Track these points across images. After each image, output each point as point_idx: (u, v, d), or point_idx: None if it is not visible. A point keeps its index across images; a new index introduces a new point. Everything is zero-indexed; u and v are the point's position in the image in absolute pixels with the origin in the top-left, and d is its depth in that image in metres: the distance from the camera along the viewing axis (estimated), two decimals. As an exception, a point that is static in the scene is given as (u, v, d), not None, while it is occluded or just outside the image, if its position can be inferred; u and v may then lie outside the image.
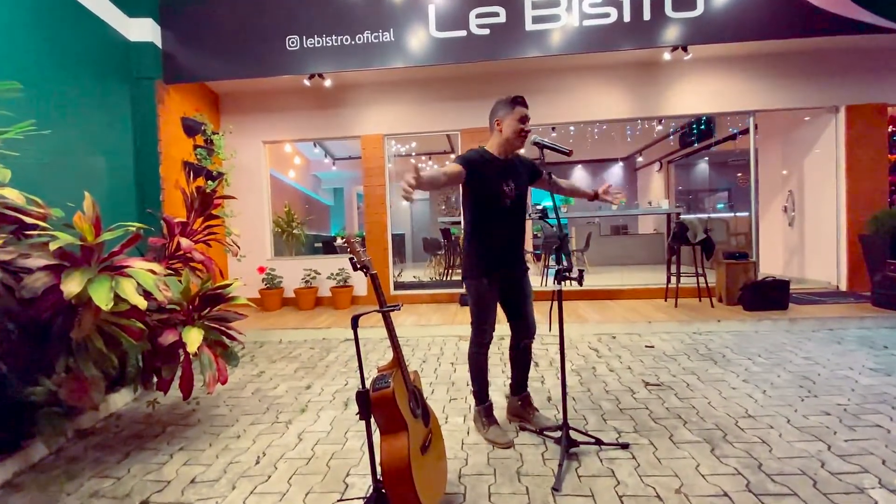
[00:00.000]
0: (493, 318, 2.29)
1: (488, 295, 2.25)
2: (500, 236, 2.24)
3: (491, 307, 2.27)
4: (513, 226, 2.27)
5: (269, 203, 6.08)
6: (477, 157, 2.19)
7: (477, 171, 2.14)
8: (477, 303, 2.28)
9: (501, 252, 2.25)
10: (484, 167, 2.17)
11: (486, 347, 2.34)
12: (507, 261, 2.28)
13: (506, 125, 2.18)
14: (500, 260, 2.25)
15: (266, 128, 5.91)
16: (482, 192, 2.17)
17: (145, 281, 2.09)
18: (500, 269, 2.25)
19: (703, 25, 4.15)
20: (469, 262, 2.28)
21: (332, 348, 4.18)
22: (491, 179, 2.17)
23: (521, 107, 2.18)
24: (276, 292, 5.67)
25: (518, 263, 2.32)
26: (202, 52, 4.55)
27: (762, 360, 3.37)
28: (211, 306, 2.72)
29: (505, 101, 2.20)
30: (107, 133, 4.14)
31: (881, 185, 5.32)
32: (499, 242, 2.24)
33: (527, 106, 2.21)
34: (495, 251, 2.24)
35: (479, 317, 2.29)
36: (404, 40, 4.32)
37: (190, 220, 3.45)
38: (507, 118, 2.18)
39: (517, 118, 2.17)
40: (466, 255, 2.30)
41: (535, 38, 4.24)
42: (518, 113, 2.17)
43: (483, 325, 2.29)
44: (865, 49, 5.13)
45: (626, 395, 2.81)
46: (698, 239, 4.73)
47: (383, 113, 5.76)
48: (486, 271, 2.23)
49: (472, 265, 2.26)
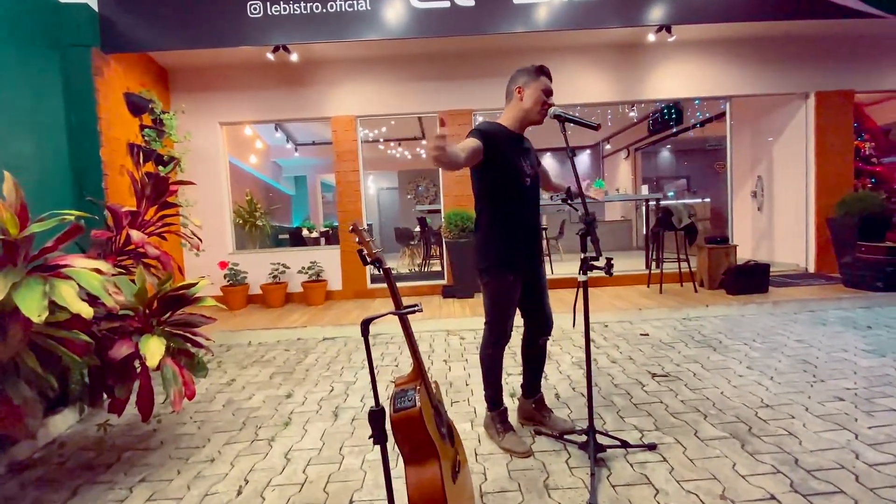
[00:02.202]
0: (513, 315, 2.05)
1: (512, 290, 1.99)
2: (523, 221, 1.98)
3: (513, 304, 2.02)
4: (533, 209, 2.03)
5: (228, 191, 5.54)
6: (494, 130, 1.92)
7: (497, 145, 1.88)
8: (497, 299, 2.01)
9: (526, 240, 2.00)
10: (503, 141, 1.92)
11: (503, 348, 2.10)
12: (531, 250, 2.03)
13: (528, 94, 1.93)
14: (524, 249, 1.99)
15: (223, 108, 5.35)
16: (502, 169, 1.90)
17: (90, 283, 1.69)
18: (525, 260, 2.00)
19: (693, 5, 4.04)
20: (489, 253, 1.99)
21: (309, 349, 3.82)
22: (511, 154, 1.91)
23: (546, 77, 1.95)
24: (241, 289, 5.19)
25: (539, 252, 2.09)
26: (147, 17, 3.97)
27: (758, 345, 3.34)
28: (172, 310, 2.31)
29: (528, 70, 1.95)
30: (31, 109, 3.52)
31: (847, 170, 5.50)
32: (522, 228, 1.98)
33: (551, 78, 1.97)
34: (519, 239, 1.97)
35: (499, 315, 2.02)
36: (381, 10, 3.94)
37: (141, 209, 2.98)
38: (531, 87, 1.93)
39: (541, 88, 1.92)
40: (485, 245, 2.01)
41: (522, 11, 3.98)
42: (543, 83, 1.93)
43: (503, 324, 2.03)
44: (834, 36, 5.24)
45: (636, 389, 2.67)
46: (683, 224, 4.69)
47: (356, 92, 5.34)
48: (511, 263, 1.96)
49: (495, 257, 1.97)
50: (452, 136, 5.41)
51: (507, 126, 1.98)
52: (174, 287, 2.26)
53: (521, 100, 1.94)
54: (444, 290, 5.28)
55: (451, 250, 5.12)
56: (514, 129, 1.99)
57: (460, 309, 4.57)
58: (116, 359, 1.97)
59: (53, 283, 1.62)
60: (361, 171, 5.48)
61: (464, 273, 5.11)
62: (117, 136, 4.18)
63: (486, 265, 2.00)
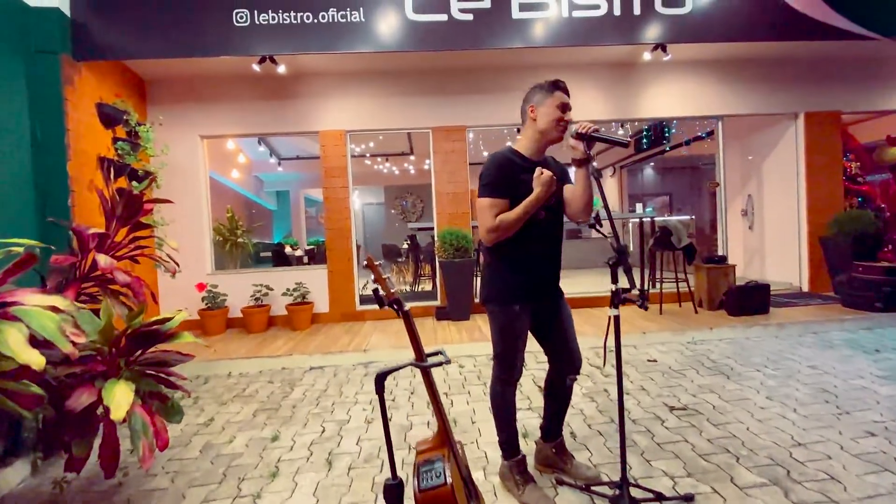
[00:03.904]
0: (523, 349, 1.85)
1: (518, 323, 1.80)
2: (534, 255, 1.80)
3: (521, 337, 1.83)
4: (549, 242, 1.84)
5: (208, 208, 5.23)
6: (503, 169, 1.75)
7: (509, 187, 1.73)
8: (504, 333, 1.83)
9: (537, 275, 1.82)
10: (515, 177, 1.74)
11: (514, 385, 1.89)
12: (544, 285, 1.85)
13: (541, 113, 1.76)
14: (535, 284, 1.81)
15: (205, 120, 5.07)
16: (512, 201, 1.72)
17: (42, 326, 1.41)
18: (537, 292, 1.82)
19: (690, 24, 4.01)
20: (494, 285, 1.83)
21: (295, 381, 3.52)
22: (523, 184, 1.72)
23: (560, 92, 1.78)
24: (220, 313, 4.85)
25: (556, 287, 1.90)
26: (124, 22, 3.71)
27: (772, 372, 3.21)
28: (144, 348, 2.03)
29: (542, 86, 1.80)
30: (-9, 119, 3.21)
31: (837, 190, 5.54)
32: (534, 263, 1.80)
33: (568, 93, 1.81)
34: (529, 274, 1.80)
35: (507, 349, 1.83)
36: (376, 22, 3.78)
37: (111, 230, 2.69)
38: (544, 104, 1.77)
39: (556, 104, 1.76)
40: (491, 277, 1.85)
41: (521, 27, 3.88)
42: (557, 99, 1.77)
43: (511, 359, 1.83)
44: (824, 58, 5.32)
45: (655, 425, 2.48)
46: (683, 244, 4.60)
47: (345, 107, 5.15)
48: (517, 294, 1.79)
49: (499, 289, 1.82)
50: (447, 153, 5.25)
51: (523, 153, 1.81)
52: (146, 322, 1.98)
53: (534, 120, 1.78)
54: (438, 311, 5.05)
55: (446, 270, 4.91)
56: (531, 154, 1.81)
57: (457, 333, 4.34)
58: (75, 410, 1.68)
59: None
60: (351, 187, 5.25)
61: (458, 294, 4.90)
62: (87, 149, 3.87)
63: (490, 295, 1.84)
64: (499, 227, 1.71)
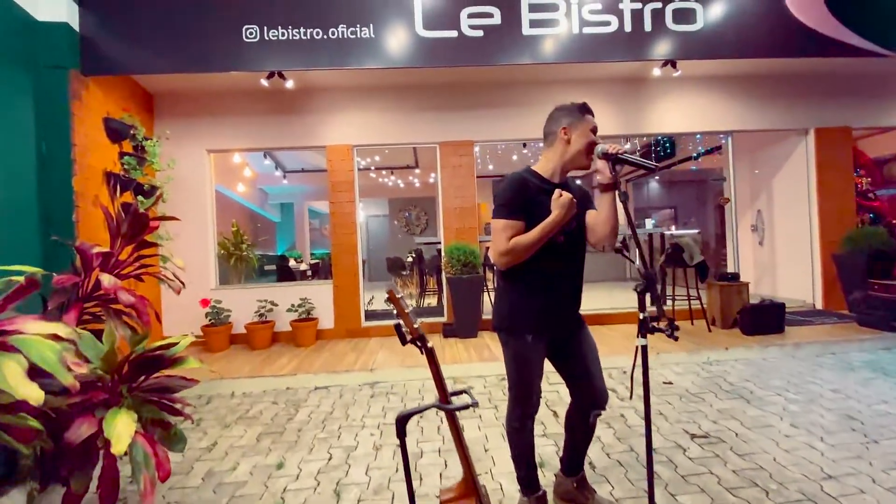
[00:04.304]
0: (538, 381, 1.74)
1: (532, 354, 1.70)
2: (551, 283, 1.70)
3: (536, 370, 1.72)
4: (568, 269, 1.74)
5: (213, 222, 5.18)
6: (521, 191, 1.67)
7: (526, 209, 1.64)
8: (517, 364, 1.72)
9: (553, 305, 1.71)
10: (533, 192, 1.66)
11: (532, 419, 1.79)
12: (561, 316, 1.74)
13: (576, 136, 1.68)
14: (550, 315, 1.70)
15: (212, 134, 5.05)
16: (529, 224, 1.64)
17: (43, 357, 1.34)
18: (554, 322, 1.72)
19: (701, 40, 3.99)
20: (507, 313, 1.73)
21: (300, 402, 3.42)
22: (541, 207, 1.63)
23: (590, 115, 1.71)
24: (224, 329, 4.77)
25: (575, 316, 1.80)
26: (134, 38, 3.70)
27: (793, 396, 3.10)
28: (147, 374, 1.95)
29: (570, 108, 1.71)
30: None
31: (849, 206, 5.47)
32: (549, 291, 1.69)
33: (594, 115, 1.74)
34: (544, 303, 1.69)
35: (522, 382, 1.73)
36: (386, 38, 3.77)
37: (115, 248, 2.62)
38: (579, 128, 1.68)
39: (589, 128, 1.69)
40: (502, 303, 1.76)
41: (531, 43, 3.86)
42: (589, 123, 1.69)
43: (527, 392, 1.73)
44: (832, 73, 5.29)
45: (677, 454, 2.38)
46: (695, 262, 4.52)
47: (352, 121, 5.13)
48: (530, 324, 1.69)
49: (512, 317, 1.72)
50: (454, 168, 5.21)
51: (543, 175, 1.72)
52: (150, 347, 1.91)
53: (568, 142, 1.68)
54: (445, 328, 4.95)
55: (453, 286, 4.83)
56: (551, 176, 1.72)
57: (465, 352, 4.24)
58: (74, 443, 1.60)
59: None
60: (357, 201, 5.21)
61: (466, 311, 4.81)
62: (93, 164, 3.83)
63: (501, 323, 1.75)
64: (512, 250, 1.62)
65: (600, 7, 3.85)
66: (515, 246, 1.62)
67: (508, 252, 1.62)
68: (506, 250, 1.63)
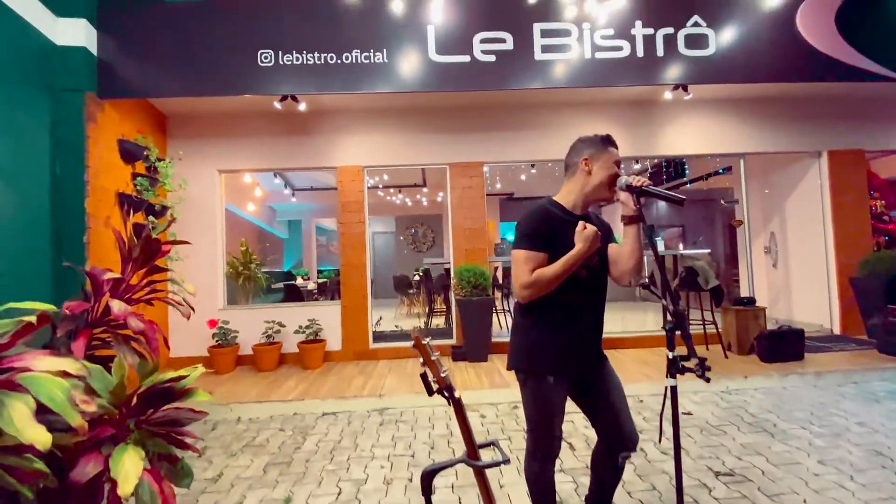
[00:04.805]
0: (560, 422, 1.66)
1: (553, 395, 1.62)
2: (572, 319, 1.63)
3: (557, 411, 1.64)
4: (590, 303, 1.67)
5: (223, 242, 5.18)
6: (545, 223, 1.62)
7: (549, 241, 1.59)
8: (537, 405, 1.64)
9: (575, 342, 1.64)
10: (556, 223, 1.62)
11: (552, 463, 1.70)
12: (584, 355, 1.67)
13: (598, 168, 1.63)
14: (572, 353, 1.63)
15: (223, 155, 5.08)
16: (552, 256, 1.58)
17: (51, 397, 1.30)
18: (576, 361, 1.65)
19: (714, 65, 3.99)
20: (526, 351, 1.66)
21: (308, 429, 3.34)
22: (565, 239, 1.57)
23: (613, 147, 1.67)
24: (231, 350, 4.71)
25: (597, 353, 1.72)
26: (150, 62, 3.75)
27: (818, 430, 2.99)
28: (156, 407, 1.90)
29: (592, 140, 1.68)
30: (12, 155, 3.20)
31: (864, 229, 5.39)
32: (572, 327, 1.63)
33: (617, 147, 1.71)
34: (566, 340, 1.62)
35: (542, 424, 1.64)
36: (399, 63, 3.79)
37: (126, 273, 2.60)
38: (600, 160, 1.64)
39: (612, 160, 1.64)
40: (521, 341, 1.69)
41: (543, 68, 3.88)
42: (612, 155, 1.65)
43: (547, 434, 1.64)
44: (845, 96, 5.27)
45: (702, 494, 2.27)
46: (710, 286, 4.44)
47: (363, 142, 5.15)
48: (552, 366, 1.62)
49: (532, 356, 1.65)
50: (464, 189, 5.20)
51: (565, 206, 1.67)
52: (160, 380, 1.86)
53: (589, 173, 1.64)
54: (454, 351, 4.87)
55: (462, 308, 4.76)
56: (574, 208, 1.67)
57: (476, 377, 4.15)
58: (80, 482, 1.54)
59: (3, 401, 1.22)
60: (367, 222, 5.20)
61: (476, 334, 4.73)
62: (105, 185, 3.85)
63: (520, 363, 1.67)
64: (534, 283, 1.56)
65: (612, 32, 3.87)
66: (538, 279, 1.56)
67: (531, 285, 1.57)
68: (528, 283, 1.57)
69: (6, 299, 3.04)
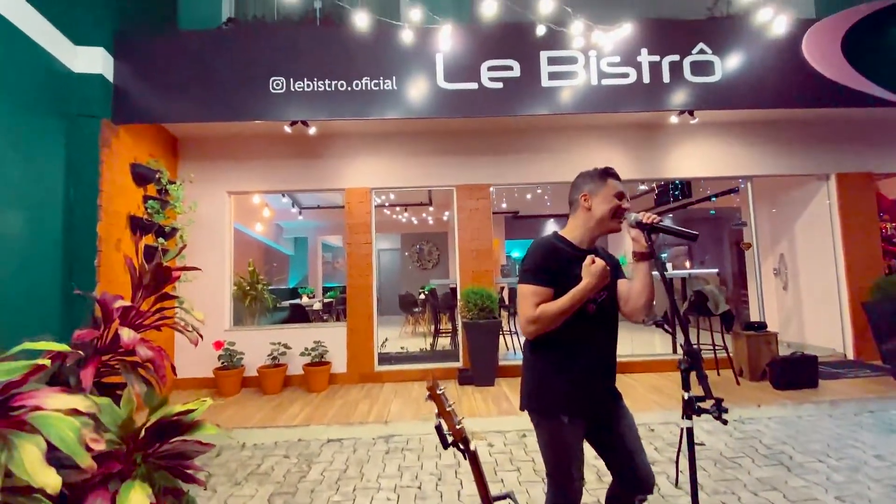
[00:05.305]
0: (580, 465, 1.61)
1: (569, 437, 1.58)
2: (581, 356, 1.60)
3: (575, 453, 1.59)
4: (601, 341, 1.64)
5: (230, 262, 5.20)
6: (551, 256, 1.61)
7: (555, 275, 1.58)
8: (552, 449, 1.60)
9: (587, 380, 1.60)
10: (563, 266, 1.59)
11: None
12: (597, 393, 1.63)
13: (597, 203, 1.63)
14: (585, 392, 1.60)
15: (233, 177, 5.15)
16: (558, 292, 1.56)
17: (62, 438, 1.29)
18: (590, 400, 1.61)
19: (720, 91, 4.02)
20: (536, 391, 1.63)
21: (312, 457, 3.30)
22: (571, 274, 1.56)
23: (613, 179, 1.66)
24: (236, 373, 4.69)
25: (611, 392, 1.69)
26: (165, 89, 3.84)
27: (835, 463, 2.91)
28: (163, 440, 1.88)
29: (592, 174, 1.67)
30: (28, 180, 3.26)
31: (875, 252, 5.34)
32: (580, 365, 1.59)
33: (619, 178, 1.70)
34: (576, 377, 1.59)
35: (558, 465, 1.60)
36: (408, 90, 3.86)
37: (137, 300, 2.61)
38: (599, 194, 1.63)
39: (612, 193, 1.63)
40: (532, 380, 1.65)
41: (550, 94, 3.93)
42: (612, 187, 1.63)
43: (567, 478, 1.59)
44: (852, 119, 5.28)
45: (718, 534, 2.21)
46: (720, 311, 4.39)
47: (371, 165, 5.20)
48: (566, 406, 1.58)
49: (542, 396, 1.61)
50: (470, 210, 5.22)
51: (572, 241, 1.66)
52: (168, 414, 1.84)
53: (589, 209, 1.64)
54: (460, 375, 4.82)
55: (469, 331, 4.73)
56: (580, 243, 1.66)
57: (483, 403, 4.09)
58: (85, 522, 1.52)
59: (14, 443, 1.22)
60: (374, 243, 5.21)
61: (482, 357, 4.69)
62: (117, 208, 3.90)
63: (532, 403, 1.63)
64: (539, 318, 1.53)
65: (619, 60, 3.92)
66: (542, 314, 1.53)
67: (536, 320, 1.54)
68: (533, 317, 1.54)
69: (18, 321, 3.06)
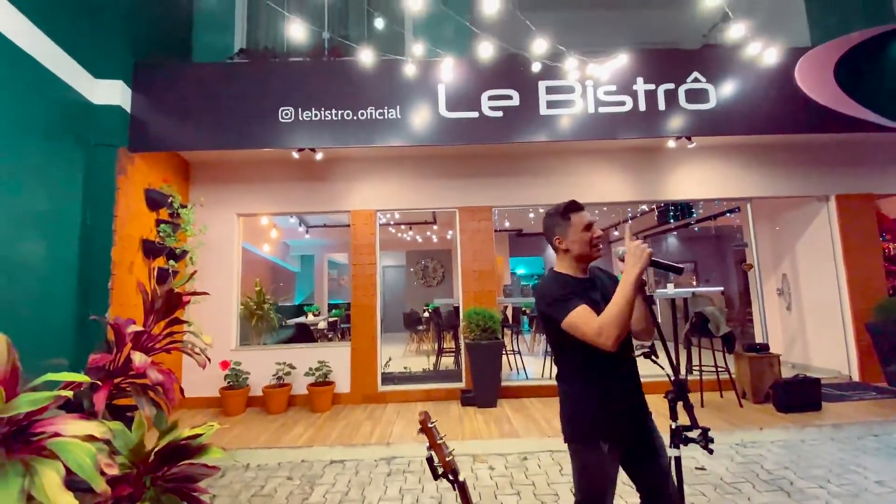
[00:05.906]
0: (612, 492, 1.61)
1: (608, 466, 1.59)
2: (611, 378, 1.63)
3: (611, 482, 1.60)
4: (625, 360, 1.67)
5: (238, 283, 5.32)
6: (561, 276, 1.70)
7: (572, 288, 1.64)
8: (588, 477, 1.61)
9: (624, 399, 1.64)
10: (572, 286, 1.66)
11: None
12: (635, 410, 1.67)
13: (570, 242, 1.69)
14: (624, 412, 1.63)
15: (242, 199, 5.30)
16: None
17: (79, 464, 1.37)
18: (627, 424, 1.64)
19: (715, 118, 4.13)
20: (577, 420, 1.65)
21: (316, 479, 3.34)
22: (583, 297, 1.61)
23: (576, 213, 1.72)
24: (241, 392, 4.76)
25: (644, 409, 1.71)
26: (179, 118, 4.02)
27: (837, 489, 2.90)
28: (171, 464, 1.95)
29: (555, 216, 1.73)
30: (47, 207, 3.41)
31: (878, 273, 5.34)
32: (615, 387, 1.63)
33: (582, 208, 1.75)
34: (616, 398, 1.62)
35: (592, 495, 1.60)
36: (411, 119, 4.01)
37: (148, 325, 2.72)
38: (568, 234, 1.70)
39: (580, 228, 1.69)
40: (572, 411, 1.67)
41: (548, 122, 4.06)
42: (579, 223, 1.70)
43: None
44: (852, 141, 5.34)
45: (716, 562, 2.22)
46: (721, 332, 4.41)
47: (376, 187, 5.34)
48: (605, 432, 1.59)
49: (582, 424, 1.63)
50: (473, 232, 5.32)
51: (569, 274, 1.73)
52: (177, 438, 1.92)
53: (566, 250, 1.71)
54: (463, 396, 4.85)
55: (472, 352, 4.78)
56: (576, 274, 1.73)
57: (485, 425, 4.12)
58: (97, 545, 1.59)
59: (36, 469, 1.30)
60: (379, 264, 5.31)
61: (485, 378, 4.72)
62: (130, 232, 4.04)
63: (573, 433, 1.64)
64: (603, 325, 1.49)
65: (615, 88, 4.05)
66: (604, 321, 1.49)
67: (601, 330, 1.49)
68: (597, 330, 1.50)
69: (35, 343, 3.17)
